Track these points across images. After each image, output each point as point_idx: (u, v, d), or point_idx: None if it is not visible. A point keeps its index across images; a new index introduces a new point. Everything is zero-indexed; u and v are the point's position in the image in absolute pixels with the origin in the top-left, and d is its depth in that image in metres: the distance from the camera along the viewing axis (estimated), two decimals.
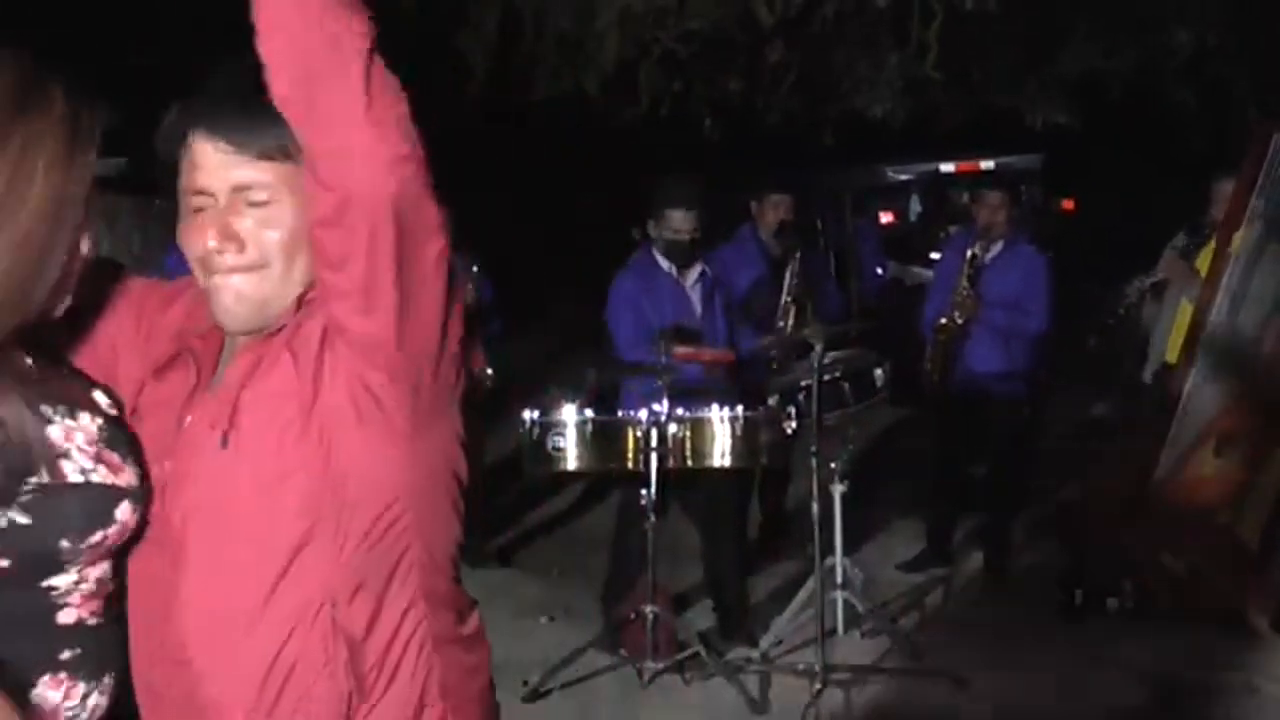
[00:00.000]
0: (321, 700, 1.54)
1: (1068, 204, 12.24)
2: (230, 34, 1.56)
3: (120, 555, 1.64)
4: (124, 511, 1.57)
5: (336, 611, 1.53)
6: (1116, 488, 5.44)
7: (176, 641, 1.57)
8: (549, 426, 4.52)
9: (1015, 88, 8.62)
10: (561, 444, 4.52)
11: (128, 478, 1.59)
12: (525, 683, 4.50)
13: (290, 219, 1.54)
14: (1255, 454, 5.05)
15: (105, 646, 1.62)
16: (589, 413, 4.59)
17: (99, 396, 1.67)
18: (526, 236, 10.53)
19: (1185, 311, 5.38)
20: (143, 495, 1.60)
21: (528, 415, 4.54)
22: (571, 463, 4.58)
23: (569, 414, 4.55)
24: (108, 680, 1.62)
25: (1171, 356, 5.44)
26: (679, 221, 4.96)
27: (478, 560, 6.03)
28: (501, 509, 6.66)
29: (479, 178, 10.41)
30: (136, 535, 1.62)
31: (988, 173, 10.44)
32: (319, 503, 1.52)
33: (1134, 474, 5.33)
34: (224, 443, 1.55)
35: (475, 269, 5.79)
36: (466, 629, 1.66)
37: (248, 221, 1.53)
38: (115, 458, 1.58)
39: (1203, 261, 5.41)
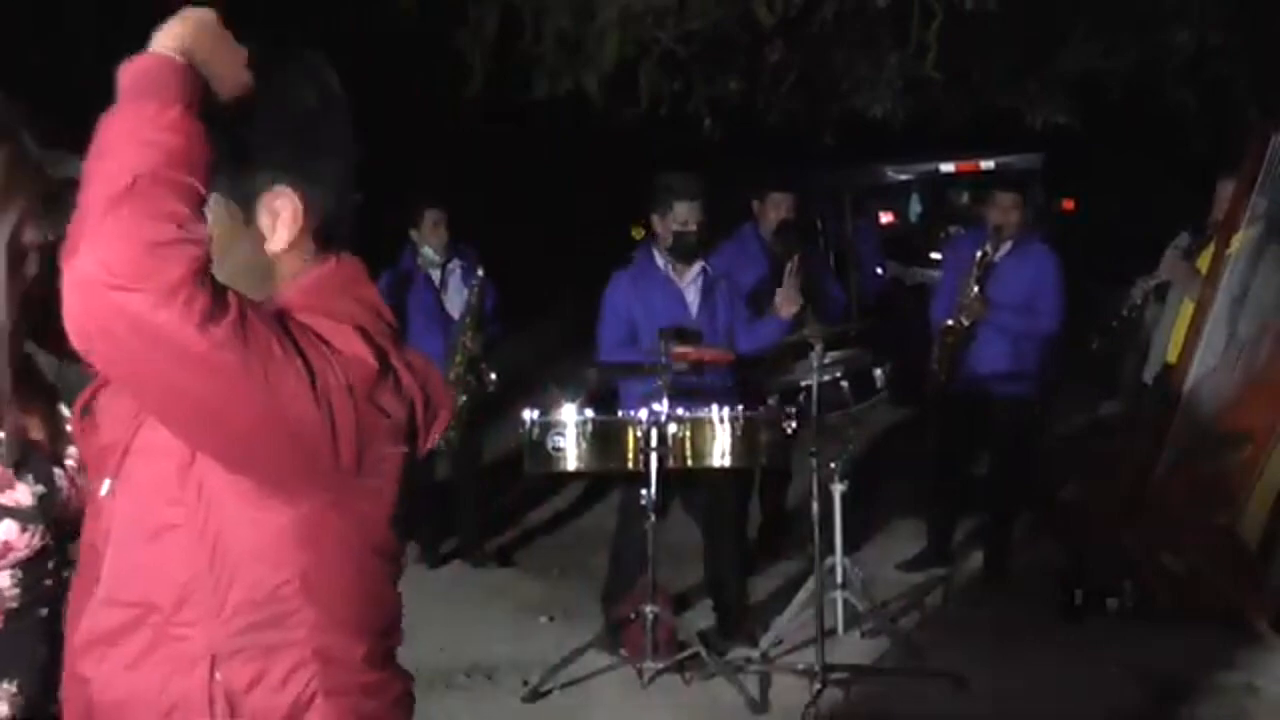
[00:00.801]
0: None
1: (1068, 204, 12.24)
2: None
3: (31, 569, 1.65)
4: (7, 531, 1.58)
5: (218, 665, 1.50)
6: (1116, 488, 5.44)
7: (74, 657, 1.57)
8: (549, 426, 4.52)
9: (1015, 88, 8.62)
10: (561, 444, 4.52)
11: (17, 497, 1.60)
12: (525, 683, 4.51)
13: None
14: (1255, 454, 5.05)
15: (4, 656, 1.63)
16: (589, 413, 4.59)
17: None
18: (526, 236, 10.53)
19: (1186, 312, 5.38)
20: (39, 515, 1.61)
21: (528, 415, 4.54)
22: (571, 463, 4.58)
23: (569, 414, 4.55)
24: (7, 687, 1.63)
25: (1172, 357, 5.44)
26: (685, 213, 4.94)
27: (478, 560, 6.04)
28: (501, 509, 6.66)
29: (479, 178, 10.43)
30: (45, 550, 1.62)
31: (988, 172, 10.44)
32: (195, 560, 1.49)
33: (1134, 474, 5.33)
34: (110, 489, 1.54)
35: (481, 273, 5.79)
36: (370, 676, 1.60)
37: None
38: (6, 475, 1.59)
39: (1204, 262, 5.41)
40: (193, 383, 1.33)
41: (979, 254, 5.69)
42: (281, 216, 1.51)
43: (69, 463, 1.68)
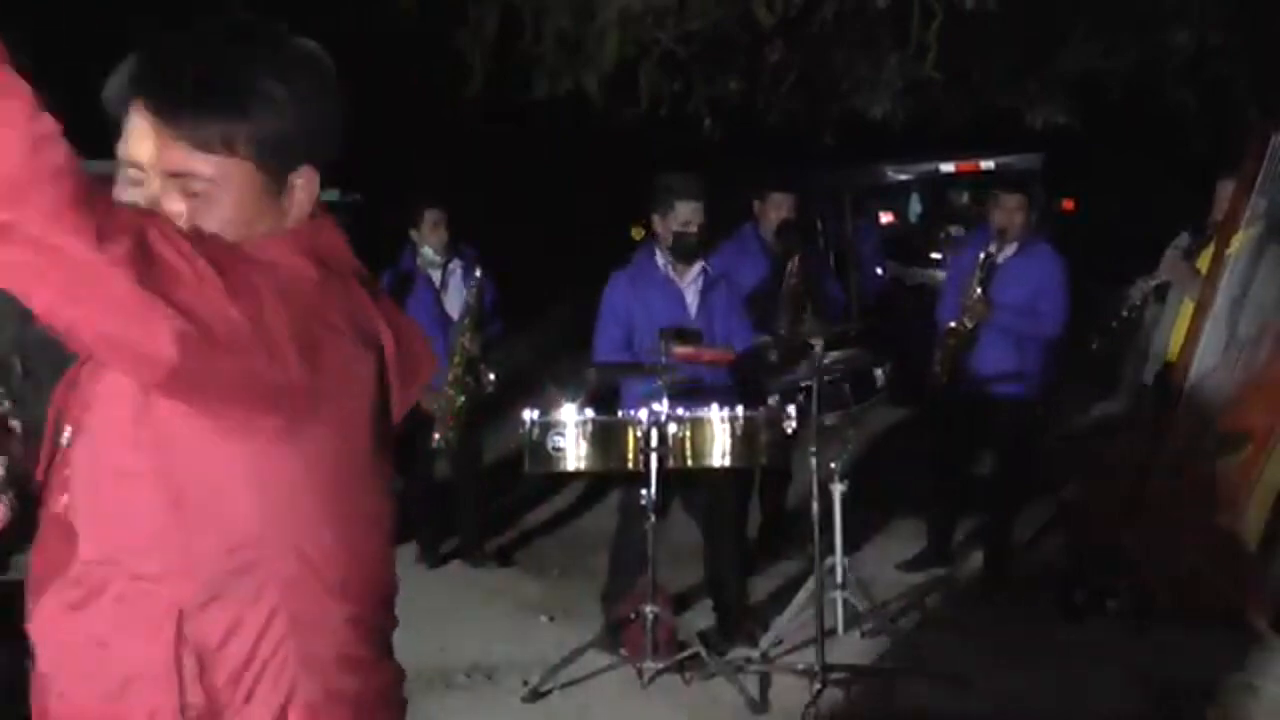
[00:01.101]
0: (168, 715, 1.47)
1: (1068, 204, 12.24)
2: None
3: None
4: None
5: (186, 620, 1.45)
6: (1116, 488, 5.44)
7: (34, 627, 1.54)
8: (549, 426, 4.52)
9: (1015, 88, 8.63)
10: (561, 444, 4.52)
11: None
12: (525, 683, 4.51)
13: (225, 214, 1.46)
14: (1255, 454, 5.05)
15: None
16: (589, 413, 4.58)
17: None
18: (526, 236, 10.53)
19: (1186, 311, 5.38)
20: (7, 485, 1.59)
21: (528, 415, 4.54)
22: (571, 463, 4.57)
23: (569, 414, 4.54)
24: None
25: (1172, 357, 5.44)
26: (688, 213, 4.94)
27: (478, 560, 6.05)
28: (501, 509, 6.66)
29: (479, 178, 10.44)
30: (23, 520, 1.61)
31: (988, 172, 10.44)
32: (157, 507, 1.45)
33: (1134, 474, 5.33)
34: (70, 439, 1.51)
35: (479, 273, 5.79)
36: (353, 648, 1.54)
37: (180, 207, 1.45)
38: None
39: (1204, 262, 5.40)
40: (103, 308, 1.27)
41: (982, 255, 5.68)
42: (298, 196, 1.53)
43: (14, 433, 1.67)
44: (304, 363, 1.39)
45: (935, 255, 10.56)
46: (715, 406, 4.57)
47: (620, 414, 4.68)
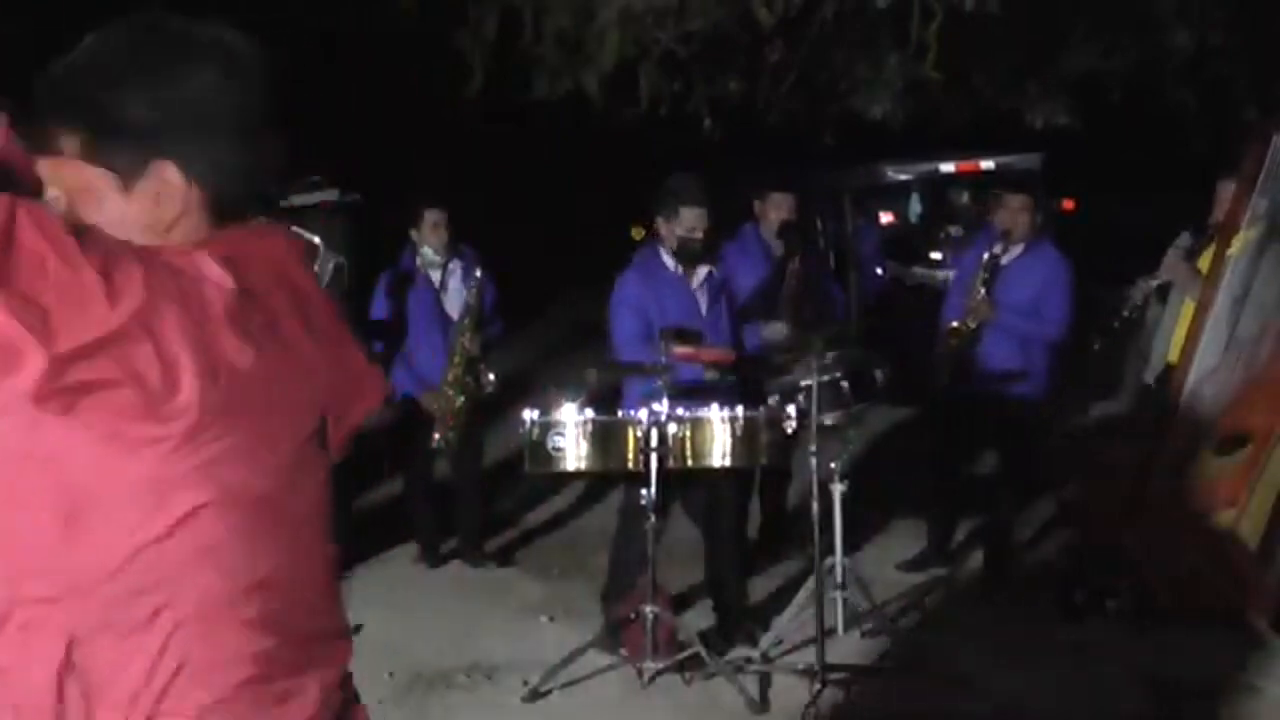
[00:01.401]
0: None
1: (1068, 204, 12.24)
2: None
3: None
4: None
5: (76, 647, 1.38)
6: (1116, 488, 5.44)
7: None
8: (549, 426, 4.52)
9: (1016, 88, 8.63)
10: (561, 444, 4.52)
11: None
12: (525, 683, 4.51)
13: (89, 214, 1.42)
14: (1255, 454, 5.05)
15: None
16: (589, 413, 4.58)
17: None
18: (526, 236, 10.54)
19: (1187, 312, 5.38)
20: None
21: (528, 415, 4.54)
22: (571, 463, 4.58)
23: (569, 414, 4.55)
24: None
25: (1173, 357, 5.44)
26: (693, 219, 4.94)
27: (478, 560, 6.05)
28: (501, 509, 6.66)
29: (479, 178, 10.46)
30: None
31: (988, 172, 10.44)
32: (51, 525, 1.37)
33: (1134, 474, 5.33)
34: None
35: (479, 273, 5.79)
36: (273, 687, 1.45)
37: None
38: None
39: (1205, 262, 5.41)
40: None
41: (985, 255, 5.68)
42: (165, 191, 1.45)
43: None
44: (204, 372, 1.31)
45: (935, 255, 10.57)
46: (715, 406, 4.57)
47: (620, 414, 4.69)
